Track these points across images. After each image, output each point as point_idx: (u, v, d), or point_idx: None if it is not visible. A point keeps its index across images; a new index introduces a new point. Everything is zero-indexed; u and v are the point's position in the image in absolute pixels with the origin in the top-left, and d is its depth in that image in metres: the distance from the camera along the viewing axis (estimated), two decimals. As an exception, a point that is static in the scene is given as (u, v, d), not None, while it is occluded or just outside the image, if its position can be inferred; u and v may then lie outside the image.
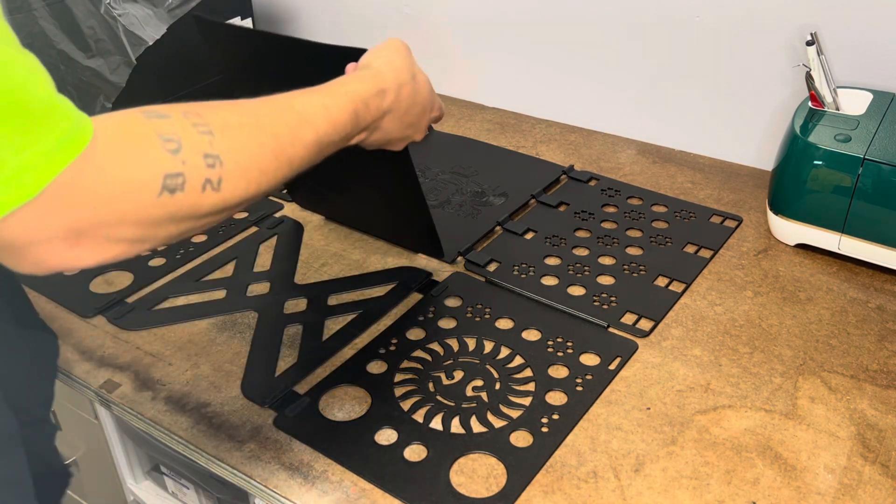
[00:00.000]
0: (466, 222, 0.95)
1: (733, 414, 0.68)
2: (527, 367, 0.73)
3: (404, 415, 0.68)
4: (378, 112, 0.61)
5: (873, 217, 0.80)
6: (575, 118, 1.20)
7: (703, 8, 1.03)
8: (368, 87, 0.60)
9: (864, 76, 0.95)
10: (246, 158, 0.48)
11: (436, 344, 0.76)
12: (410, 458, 0.65)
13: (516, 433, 0.66)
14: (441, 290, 0.83)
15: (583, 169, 1.06)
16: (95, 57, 1.06)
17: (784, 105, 1.02)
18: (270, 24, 1.48)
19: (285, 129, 0.52)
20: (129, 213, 0.43)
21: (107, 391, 0.73)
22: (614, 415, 0.69)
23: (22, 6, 1.02)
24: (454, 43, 1.28)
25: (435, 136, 1.17)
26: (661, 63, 1.10)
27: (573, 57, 1.17)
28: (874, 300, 0.81)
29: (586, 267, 0.86)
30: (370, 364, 0.74)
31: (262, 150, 0.49)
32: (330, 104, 0.56)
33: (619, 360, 0.74)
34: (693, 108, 1.10)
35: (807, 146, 0.83)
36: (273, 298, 0.83)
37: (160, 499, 0.90)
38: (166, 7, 1.10)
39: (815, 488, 0.62)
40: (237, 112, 0.50)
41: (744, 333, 0.77)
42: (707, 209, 0.96)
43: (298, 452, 0.66)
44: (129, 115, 0.45)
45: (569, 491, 0.62)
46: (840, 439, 0.66)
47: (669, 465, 0.64)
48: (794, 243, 0.89)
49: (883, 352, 0.75)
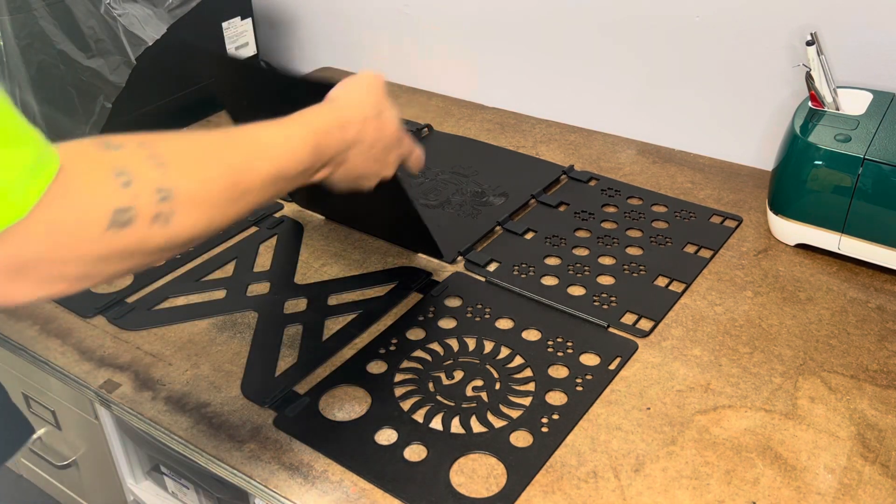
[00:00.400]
0: (466, 222, 0.95)
1: (733, 414, 0.68)
2: (527, 367, 0.73)
3: (404, 415, 0.68)
4: (341, 144, 0.60)
5: (873, 217, 0.80)
6: (575, 118, 1.20)
7: (702, 8, 1.03)
8: (329, 119, 0.59)
9: (864, 76, 0.95)
10: (199, 190, 0.47)
11: (436, 344, 0.76)
12: (410, 458, 0.65)
13: (516, 433, 0.66)
14: (441, 290, 0.83)
15: (583, 169, 1.06)
16: (95, 57, 1.06)
17: (784, 105, 1.02)
18: (271, 25, 1.48)
19: (241, 160, 0.51)
20: (75, 249, 0.41)
21: (107, 391, 0.73)
22: (614, 415, 0.69)
23: (22, 6, 1.02)
24: (454, 43, 1.28)
25: (435, 136, 1.17)
26: (661, 63, 1.10)
27: (573, 57, 1.17)
28: (874, 300, 0.81)
29: (586, 267, 0.86)
30: (370, 364, 0.74)
31: (215, 183, 0.48)
32: (289, 134, 0.55)
33: (619, 360, 0.74)
34: (693, 108, 1.10)
35: (807, 146, 0.83)
36: (273, 298, 0.83)
37: (160, 499, 0.90)
38: (166, 7, 1.10)
39: (815, 488, 0.62)
40: (193, 143, 0.49)
41: (744, 333, 0.77)
42: (707, 209, 0.96)
43: (298, 452, 0.66)
44: (84, 146, 0.44)
45: (569, 491, 0.62)
46: (840, 439, 0.66)
47: (669, 465, 0.64)
48: (794, 243, 0.89)
49: (883, 352, 0.75)
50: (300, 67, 1.50)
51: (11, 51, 1.02)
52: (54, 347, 0.79)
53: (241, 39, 1.34)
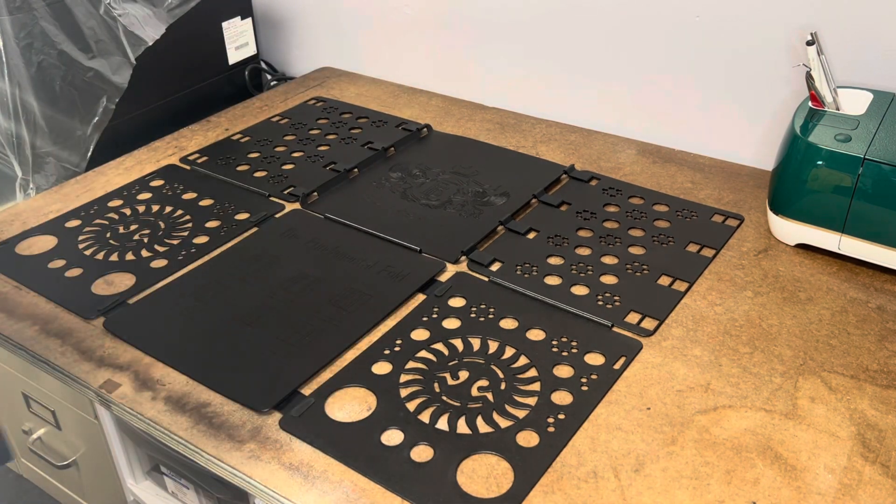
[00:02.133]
0: (468, 222, 0.95)
1: (733, 414, 0.69)
2: (532, 367, 0.73)
3: (410, 415, 0.68)
4: None
5: (873, 217, 0.81)
6: (575, 118, 1.20)
7: (703, 8, 1.03)
8: None
9: (864, 76, 0.95)
10: None
11: (440, 344, 0.76)
12: (417, 458, 0.65)
13: (522, 433, 0.67)
14: (445, 291, 0.83)
15: (583, 169, 1.07)
16: (96, 58, 1.06)
17: (784, 105, 1.02)
18: (271, 25, 1.48)
19: None
20: None
21: (107, 391, 0.73)
22: (614, 415, 0.69)
23: (22, 6, 1.02)
24: (454, 43, 1.28)
25: (435, 136, 1.17)
26: (662, 63, 1.10)
27: (573, 57, 1.17)
28: (874, 300, 0.81)
29: (589, 266, 0.87)
30: (375, 365, 0.74)
31: None
32: None
33: (623, 359, 0.74)
34: (693, 109, 1.10)
35: (807, 146, 0.84)
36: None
37: (160, 499, 0.90)
38: (166, 7, 1.10)
39: (815, 488, 0.62)
40: None
41: (744, 333, 0.78)
42: (709, 208, 0.97)
43: (298, 452, 0.66)
44: None
45: (569, 491, 0.62)
46: (840, 439, 0.66)
47: (669, 465, 0.64)
48: (794, 243, 0.89)
49: (883, 352, 0.75)
50: (300, 67, 1.50)
51: (11, 51, 1.02)
52: (54, 347, 0.78)
53: (241, 39, 1.34)
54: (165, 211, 1.00)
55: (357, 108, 1.26)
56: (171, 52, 1.17)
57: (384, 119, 1.22)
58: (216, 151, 1.14)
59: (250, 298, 0.83)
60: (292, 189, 1.03)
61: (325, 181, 1.04)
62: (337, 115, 1.24)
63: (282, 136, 1.18)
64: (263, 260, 0.89)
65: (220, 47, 1.31)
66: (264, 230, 0.96)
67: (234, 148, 1.15)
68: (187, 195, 1.03)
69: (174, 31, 1.09)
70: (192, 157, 1.12)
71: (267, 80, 1.44)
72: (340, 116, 1.23)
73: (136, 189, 1.05)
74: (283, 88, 1.35)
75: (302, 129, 1.20)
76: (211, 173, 1.08)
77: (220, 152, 1.13)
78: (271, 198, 1.02)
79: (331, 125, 1.21)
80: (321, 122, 1.22)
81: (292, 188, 1.03)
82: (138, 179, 1.07)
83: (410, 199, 1.01)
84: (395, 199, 1.01)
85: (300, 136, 1.18)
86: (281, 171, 1.08)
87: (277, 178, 1.06)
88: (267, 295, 0.84)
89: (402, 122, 1.20)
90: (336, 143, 1.15)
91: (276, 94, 1.33)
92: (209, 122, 1.24)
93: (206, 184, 1.05)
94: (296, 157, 1.12)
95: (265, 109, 1.27)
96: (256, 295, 0.84)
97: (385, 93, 1.32)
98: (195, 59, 1.28)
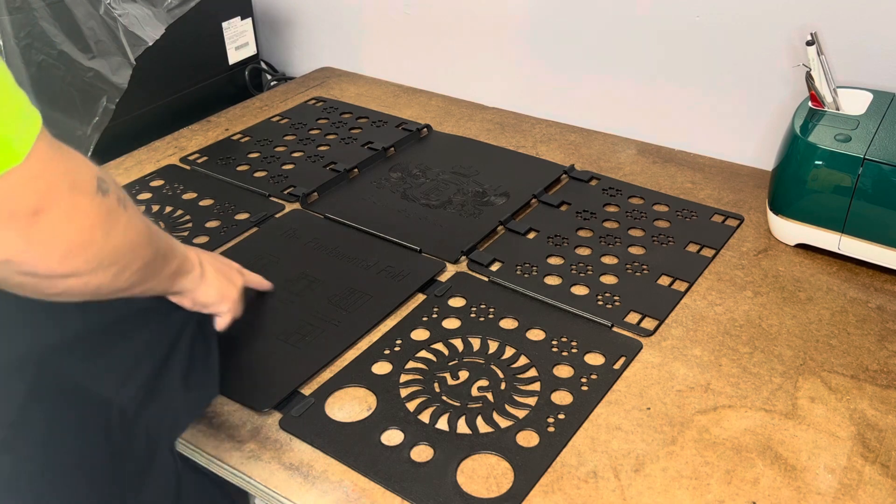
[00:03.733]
0: (468, 222, 0.95)
1: (733, 414, 0.69)
2: (532, 367, 0.73)
3: (410, 415, 0.69)
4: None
5: (873, 217, 0.81)
6: (575, 118, 1.20)
7: (703, 8, 1.03)
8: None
9: (864, 76, 0.95)
10: (135, 221, 0.55)
11: (440, 344, 0.76)
12: (417, 458, 0.65)
13: (522, 433, 0.67)
14: (445, 290, 0.83)
15: (583, 169, 1.07)
16: (96, 58, 1.06)
17: (784, 105, 1.02)
18: (271, 25, 1.48)
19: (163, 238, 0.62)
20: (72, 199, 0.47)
21: (109, 391, 0.73)
22: (614, 415, 0.69)
23: (22, 6, 1.02)
24: (454, 43, 1.28)
25: (435, 136, 1.17)
26: (661, 63, 1.10)
27: (573, 57, 1.17)
28: (874, 300, 0.82)
29: (589, 266, 0.87)
30: (375, 365, 0.74)
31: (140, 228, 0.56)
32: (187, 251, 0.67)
33: (623, 359, 0.74)
34: (693, 108, 1.10)
35: (807, 146, 0.84)
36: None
37: (162, 498, 0.90)
38: (166, 7, 1.10)
39: (815, 488, 0.62)
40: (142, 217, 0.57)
41: (744, 333, 0.78)
42: (708, 208, 0.97)
43: (298, 452, 0.66)
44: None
45: (569, 491, 0.62)
46: (840, 439, 0.66)
47: (669, 465, 0.64)
48: (794, 243, 0.90)
49: (883, 352, 0.75)
50: (300, 67, 1.50)
51: (11, 51, 1.02)
52: (56, 348, 0.78)
53: (241, 39, 1.34)
54: (165, 211, 1.00)
55: (357, 108, 1.26)
56: (171, 52, 1.17)
57: (384, 119, 1.22)
58: (216, 151, 1.14)
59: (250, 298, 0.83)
60: (292, 189, 1.03)
61: (325, 181, 1.04)
62: (337, 115, 1.24)
63: (282, 136, 1.18)
64: (263, 260, 0.89)
65: (220, 47, 1.31)
66: (264, 230, 0.96)
67: (234, 148, 1.15)
68: (187, 195, 1.03)
69: (174, 31, 1.09)
70: (192, 158, 1.12)
71: (267, 80, 1.44)
72: (340, 116, 1.24)
73: (136, 189, 1.05)
74: (283, 88, 1.36)
75: (302, 129, 1.20)
76: (211, 173, 1.08)
77: (221, 152, 1.13)
78: (271, 198, 1.02)
79: (331, 125, 1.21)
80: (321, 122, 1.22)
81: (292, 188, 1.04)
82: (138, 180, 1.07)
83: (410, 199, 1.01)
84: (395, 199, 1.01)
85: (300, 136, 1.18)
86: (281, 171, 1.08)
87: (277, 178, 1.06)
88: (267, 295, 0.84)
89: (402, 122, 1.20)
90: (336, 143, 1.15)
91: (276, 94, 1.33)
92: (209, 122, 1.24)
93: (206, 184, 1.06)
94: (296, 157, 1.12)
95: (265, 109, 1.28)
96: (256, 295, 0.84)
97: (385, 93, 1.32)
98: (195, 59, 1.28)
